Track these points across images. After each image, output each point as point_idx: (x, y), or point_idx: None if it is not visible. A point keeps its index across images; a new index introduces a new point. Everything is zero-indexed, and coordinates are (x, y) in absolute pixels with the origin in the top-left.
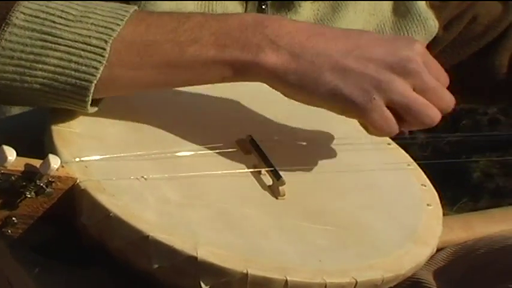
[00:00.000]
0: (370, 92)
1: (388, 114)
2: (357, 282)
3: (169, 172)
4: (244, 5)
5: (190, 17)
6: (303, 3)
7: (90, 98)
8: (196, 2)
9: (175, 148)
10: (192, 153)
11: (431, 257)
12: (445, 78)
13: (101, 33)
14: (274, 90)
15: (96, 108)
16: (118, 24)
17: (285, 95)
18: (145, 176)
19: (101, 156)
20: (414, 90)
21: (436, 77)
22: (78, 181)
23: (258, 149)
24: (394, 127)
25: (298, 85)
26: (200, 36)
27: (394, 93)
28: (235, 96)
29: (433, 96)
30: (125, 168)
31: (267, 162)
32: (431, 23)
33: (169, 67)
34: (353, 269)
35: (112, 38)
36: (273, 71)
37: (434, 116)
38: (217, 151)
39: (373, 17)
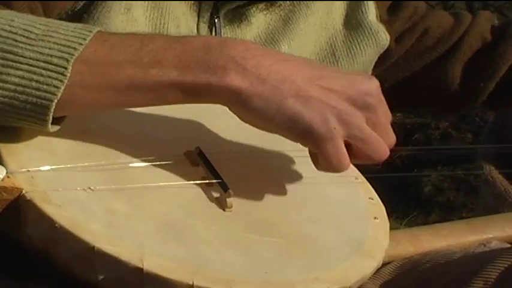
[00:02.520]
0: (331, 122)
1: (343, 148)
2: None
3: (117, 184)
4: (197, 16)
5: (154, 38)
6: (256, 15)
7: (51, 117)
8: (147, 14)
9: (123, 160)
10: (140, 165)
11: (378, 271)
12: (390, 115)
13: (63, 52)
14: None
15: (57, 127)
16: (81, 44)
17: (242, 118)
18: (92, 187)
19: (48, 167)
20: (367, 123)
21: (386, 113)
22: (23, 191)
23: (206, 161)
24: (346, 162)
25: (259, 109)
26: (163, 58)
27: (352, 126)
28: (184, 108)
29: (382, 131)
30: (72, 179)
31: (215, 174)
32: (382, 36)
33: (131, 89)
34: (299, 281)
35: (74, 57)
36: (237, 94)
37: (384, 152)
38: (165, 163)
39: (325, 30)
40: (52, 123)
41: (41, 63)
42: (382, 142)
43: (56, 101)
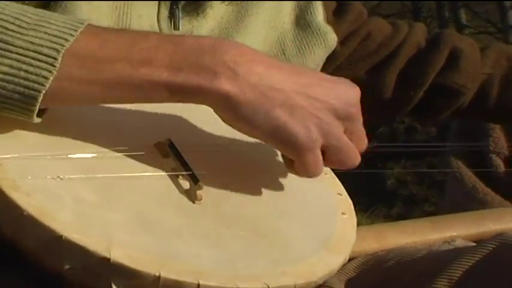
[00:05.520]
0: (313, 133)
1: (320, 157)
2: None
3: (87, 173)
4: (157, 7)
5: (147, 36)
6: (213, 7)
7: (37, 107)
8: (111, 3)
9: (94, 149)
10: (111, 154)
11: (343, 266)
12: (362, 121)
13: (54, 43)
14: None
15: (40, 119)
16: (72, 35)
17: (227, 122)
18: (61, 176)
19: (18, 155)
20: (345, 132)
21: (361, 121)
22: None
23: (176, 152)
24: (320, 170)
25: (247, 116)
26: (155, 57)
27: (331, 137)
28: None
29: (357, 139)
30: (41, 168)
31: (185, 166)
32: (330, 37)
33: (119, 85)
34: (266, 275)
35: (64, 48)
36: (226, 99)
37: (356, 159)
38: (136, 154)
39: (274, 29)
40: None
41: (30, 53)
42: (355, 150)
43: (44, 92)
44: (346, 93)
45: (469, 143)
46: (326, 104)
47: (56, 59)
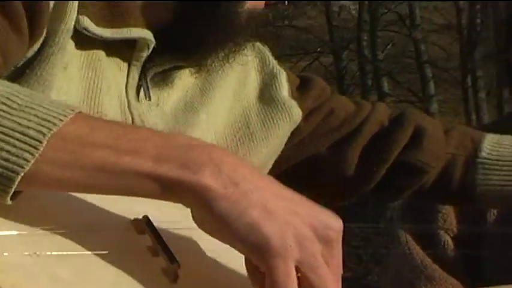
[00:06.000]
0: (288, 240)
1: (294, 272)
2: None
3: (63, 250)
4: (126, 78)
5: (139, 129)
6: (183, 76)
7: (13, 189)
8: (82, 73)
9: (71, 226)
10: (88, 231)
11: None
12: (341, 265)
13: (42, 126)
14: None
15: (11, 202)
16: (61, 120)
17: (201, 221)
18: (37, 253)
19: None
20: (321, 255)
21: (339, 257)
22: None
23: (153, 230)
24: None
25: (223, 211)
26: (142, 148)
27: (307, 252)
28: None
29: (333, 266)
30: (16, 244)
31: (162, 244)
32: (295, 111)
33: (100, 172)
34: None
35: (51, 132)
36: (206, 192)
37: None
38: (112, 230)
39: (239, 102)
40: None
41: (16, 134)
42: (331, 278)
43: (22, 174)
44: (328, 218)
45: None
46: (306, 221)
47: (41, 142)
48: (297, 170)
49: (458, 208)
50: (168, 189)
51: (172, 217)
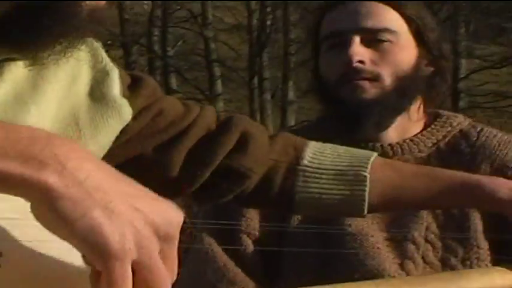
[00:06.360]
0: (128, 242)
1: (129, 273)
2: None
3: None
4: None
5: None
6: (13, 67)
7: None
8: None
9: None
10: None
11: None
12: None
13: None
14: None
15: None
16: None
17: (43, 219)
18: None
19: None
20: (159, 253)
21: (176, 248)
22: None
23: None
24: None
25: (65, 211)
26: None
27: (145, 252)
28: None
29: (170, 264)
30: None
31: None
32: (126, 110)
33: None
34: None
35: None
36: (48, 191)
37: (165, 286)
38: None
39: (68, 99)
40: None
41: None
42: (166, 276)
43: None
44: (170, 213)
45: (222, 222)
46: (148, 218)
47: None
48: (122, 169)
49: (262, 212)
50: (9, 184)
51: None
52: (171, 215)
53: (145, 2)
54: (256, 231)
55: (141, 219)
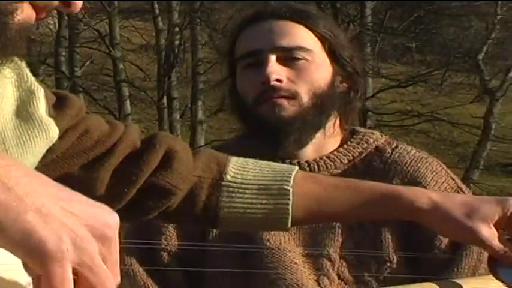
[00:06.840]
0: (65, 243)
1: (70, 274)
2: None
3: None
4: None
5: None
6: None
7: None
8: None
9: None
10: None
11: None
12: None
13: None
14: None
15: None
16: None
17: None
18: None
19: None
20: (98, 254)
21: (116, 252)
22: None
23: None
24: None
25: None
26: None
27: (85, 253)
28: None
29: (111, 265)
30: None
31: None
32: (52, 129)
33: None
34: None
35: None
36: None
37: (110, 287)
38: None
39: None
40: None
41: None
42: (109, 277)
43: None
44: (104, 215)
45: (141, 241)
46: (82, 220)
47: None
48: None
49: (181, 229)
50: None
51: None
52: (106, 216)
53: (50, 22)
54: (176, 248)
55: (76, 221)
